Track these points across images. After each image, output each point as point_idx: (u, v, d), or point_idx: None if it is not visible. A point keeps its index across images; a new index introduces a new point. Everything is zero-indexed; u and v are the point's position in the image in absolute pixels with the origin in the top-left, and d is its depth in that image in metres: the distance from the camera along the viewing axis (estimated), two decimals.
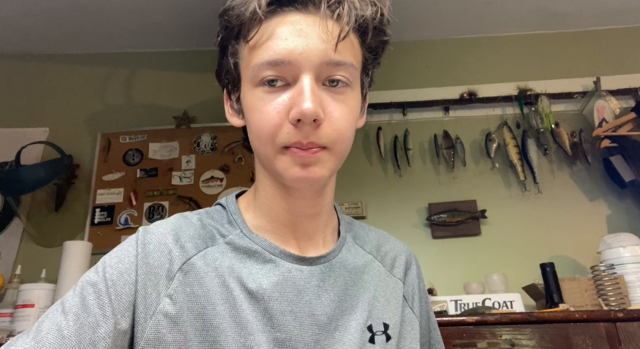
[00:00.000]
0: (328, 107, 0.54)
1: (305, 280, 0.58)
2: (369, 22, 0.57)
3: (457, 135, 2.21)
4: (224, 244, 0.60)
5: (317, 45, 0.53)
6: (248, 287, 0.56)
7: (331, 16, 0.54)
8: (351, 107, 0.57)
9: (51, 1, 2.09)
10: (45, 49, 2.44)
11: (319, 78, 0.54)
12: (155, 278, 0.54)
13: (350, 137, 0.57)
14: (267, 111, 0.54)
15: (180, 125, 2.33)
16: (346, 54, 0.55)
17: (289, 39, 0.53)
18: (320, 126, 0.53)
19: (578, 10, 2.29)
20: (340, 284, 0.61)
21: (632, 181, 2.02)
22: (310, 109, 0.51)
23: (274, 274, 0.58)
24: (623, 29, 2.40)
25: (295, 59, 0.53)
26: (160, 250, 0.56)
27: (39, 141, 2.21)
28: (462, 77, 2.34)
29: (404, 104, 2.27)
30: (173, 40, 2.39)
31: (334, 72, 0.54)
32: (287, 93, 0.54)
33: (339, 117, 0.55)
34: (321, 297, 0.58)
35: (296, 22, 0.54)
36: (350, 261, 0.64)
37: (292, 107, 0.53)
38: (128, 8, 2.16)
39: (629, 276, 1.66)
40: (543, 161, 2.19)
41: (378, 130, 2.23)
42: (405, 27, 2.34)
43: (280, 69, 0.53)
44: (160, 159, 2.27)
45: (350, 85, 0.56)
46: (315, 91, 0.53)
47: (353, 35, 0.57)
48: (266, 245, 0.60)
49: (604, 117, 2.10)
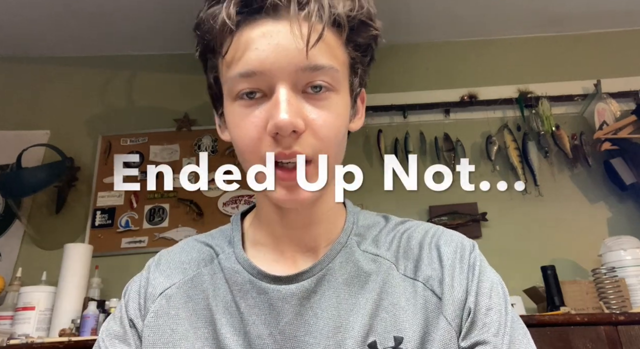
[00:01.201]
0: (310, 115, 0.51)
1: (284, 300, 0.54)
2: (344, 19, 0.52)
3: (458, 138, 2.21)
4: (217, 264, 0.59)
5: (289, 51, 0.50)
6: (229, 310, 0.55)
7: (301, 18, 0.50)
8: (337, 112, 0.53)
9: (52, 4, 2.09)
10: (46, 52, 2.45)
11: (296, 86, 0.51)
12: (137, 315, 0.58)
13: (338, 144, 0.54)
14: (245, 126, 0.51)
15: (181, 128, 2.33)
16: (324, 56, 0.51)
17: (260, 48, 0.50)
18: (301, 136, 0.50)
19: (578, 13, 2.29)
20: (330, 299, 0.55)
21: (632, 184, 2.02)
22: (286, 120, 0.48)
23: (251, 296, 0.55)
24: (623, 31, 2.40)
25: (268, 69, 0.50)
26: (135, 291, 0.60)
27: (40, 144, 2.21)
28: (463, 79, 2.34)
29: (404, 106, 2.27)
30: (174, 43, 2.40)
31: (312, 77, 0.51)
32: (264, 105, 0.51)
33: (322, 124, 0.51)
34: (304, 316, 0.54)
35: (267, 29, 0.50)
36: (346, 270, 0.57)
37: (268, 119, 0.50)
38: (128, 11, 2.17)
39: (630, 278, 1.66)
40: (544, 163, 2.18)
41: (379, 132, 2.23)
42: (405, 29, 2.35)
43: (254, 80, 0.50)
44: (161, 161, 2.27)
45: (334, 89, 0.52)
46: (291, 101, 0.49)
47: (331, 35, 0.52)
48: (247, 265, 0.57)
49: (605, 119, 2.10)
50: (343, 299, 0.55)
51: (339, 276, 0.56)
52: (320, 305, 0.54)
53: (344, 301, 0.55)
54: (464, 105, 2.28)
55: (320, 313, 0.54)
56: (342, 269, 0.57)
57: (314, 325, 0.53)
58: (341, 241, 0.59)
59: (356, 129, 0.61)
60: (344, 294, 0.55)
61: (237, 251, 0.59)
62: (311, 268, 0.56)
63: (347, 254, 0.58)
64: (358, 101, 0.61)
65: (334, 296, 0.55)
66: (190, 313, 0.56)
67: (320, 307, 0.54)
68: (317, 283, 0.55)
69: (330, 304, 0.54)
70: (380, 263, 0.58)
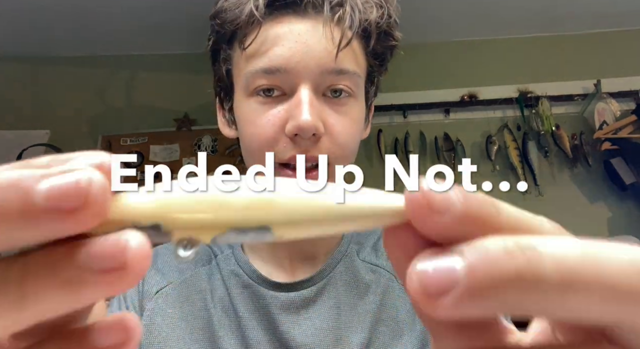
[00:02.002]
0: (329, 119, 0.49)
1: (281, 307, 0.53)
2: (373, 26, 0.52)
3: (458, 137, 2.21)
4: (215, 265, 0.58)
5: (317, 52, 0.48)
6: (227, 312, 0.53)
7: (332, 20, 0.49)
8: (354, 119, 0.52)
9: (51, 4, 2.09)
10: (46, 52, 2.45)
11: (318, 88, 0.49)
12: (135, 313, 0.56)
13: (353, 151, 0.53)
14: (260, 124, 0.49)
15: (181, 127, 2.33)
16: (349, 62, 0.50)
17: (286, 45, 0.48)
18: (320, 140, 0.48)
19: (578, 13, 2.29)
20: (328, 309, 0.53)
21: (632, 184, 2.02)
22: (309, 122, 0.46)
23: (250, 300, 0.54)
24: (623, 31, 2.40)
25: (292, 68, 0.48)
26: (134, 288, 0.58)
27: (40, 144, 2.21)
28: (463, 79, 2.34)
29: (404, 106, 2.27)
30: (174, 43, 2.40)
31: (335, 81, 0.50)
32: (284, 104, 0.49)
33: (340, 130, 0.50)
34: (302, 326, 0.52)
35: (294, 27, 0.49)
36: (347, 279, 0.56)
37: (288, 119, 0.48)
38: (129, 10, 2.17)
39: None
40: (544, 163, 2.18)
41: (379, 132, 2.23)
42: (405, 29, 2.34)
43: (276, 78, 0.49)
44: (161, 161, 2.27)
45: (354, 95, 0.52)
46: (314, 102, 0.48)
47: (356, 41, 0.51)
48: (247, 269, 0.55)
49: (605, 119, 2.10)
50: (343, 310, 0.53)
51: (339, 285, 0.55)
52: (320, 315, 0.53)
53: (343, 312, 0.53)
54: (464, 105, 2.28)
55: (319, 323, 0.52)
56: (342, 279, 0.56)
57: (312, 336, 0.51)
58: (342, 249, 0.58)
59: (363, 138, 0.60)
60: (343, 306, 0.54)
61: (236, 253, 0.57)
62: (312, 277, 0.55)
63: (347, 263, 0.57)
64: (369, 110, 0.61)
65: (333, 306, 0.53)
66: (186, 313, 0.54)
67: (320, 317, 0.53)
68: (317, 292, 0.54)
69: (329, 315, 0.53)
70: (380, 273, 0.57)
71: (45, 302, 0.14)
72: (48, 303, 0.14)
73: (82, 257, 0.14)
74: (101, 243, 0.14)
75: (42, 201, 0.13)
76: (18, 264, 0.14)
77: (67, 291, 0.13)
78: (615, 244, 0.14)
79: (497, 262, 0.13)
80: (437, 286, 0.13)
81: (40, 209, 0.13)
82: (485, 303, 0.13)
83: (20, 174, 0.14)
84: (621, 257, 0.14)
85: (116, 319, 0.16)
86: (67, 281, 0.13)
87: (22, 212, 0.13)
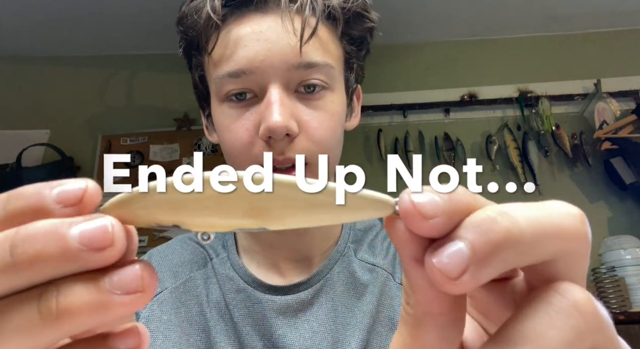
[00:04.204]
0: (303, 116, 0.47)
1: (278, 311, 0.51)
2: (339, 11, 0.49)
3: (458, 137, 2.21)
4: (211, 268, 0.56)
5: (280, 48, 0.46)
6: (224, 317, 0.52)
7: (292, 12, 0.46)
8: (332, 112, 0.50)
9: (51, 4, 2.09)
10: (46, 51, 2.45)
11: (289, 85, 0.47)
12: None
13: (335, 145, 0.51)
14: (235, 129, 0.48)
15: (181, 127, 2.33)
16: (317, 52, 0.48)
17: (249, 45, 0.46)
18: (295, 139, 0.47)
19: (578, 13, 2.29)
20: (326, 312, 0.52)
21: (632, 183, 2.02)
22: (279, 123, 0.45)
23: (245, 305, 0.52)
24: (623, 31, 2.40)
25: (257, 67, 0.46)
26: None
27: (40, 143, 2.21)
28: (463, 79, 2.34)
29: (404, 106, 2.27)
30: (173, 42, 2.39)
31: (306, 76, 0.47)
32: (255, 107, 0.48)
33: (317, 126, 0.48)
34: (299, 329, 0.51)
35: (255, 25, 0.47)
36: (344, 280, 0.54)
37: (260, 122, 0.46)
38: (128, 10, 2.17)
39: (630, 278, 1.66)
40: (544, 163, 2.18)
41: (379, 132, 2.23)
42: (405, 29, 2.34)
43: (244, 80, 0.47)
44: (161, 161, 2.27)
45: (329, 87, 0.49)
46: (284, 101, 0.46)
47: (325, 29, 0.49)
48: (242, 273, 0.54)
49: (605, 119, 2.10)
50: (340, 312, 0.52)
51: (336, 287, 0.54)
52: (317, 318, 0.52)
53: (340, 314, 0.52)
54: (464, 104, 2.28)
55: (317, 326, 0.51)
56: (340, 280, 0.54)
57: (309, 339, 0.50)
58: (339, 249, 0.57)
59: (352, 128, 0.58)
60: (340, 307, 0.53)
61: (231, 256, 0.56)
62: (309, 279, 0.53)
63: (344, 263, 0.56)
64: (354, 99, 0.58)
65: (331, 309, 0.52)
66: (182, 319, 0.53)
67: (317, 320, 0.52)
68: (314, 294, 0.53)
69: (327, 318, 0.52)
70: (377, 273, 0.55)
71: (77, 321, 0.17)
72: (79, 321, 0.17)
73: (108, 284, 0.17)
74: (123, 272, 0.17)
75: (77, 244, 0.16)
76: (52, 290, 0.17)
77: (96, 312, 0.17)
78: (550, 201, 0.18)
79: (487, 230, 0.16)
80: (455, 269, 0.16)
81: (76, 250, 0.16)
82: (492, 266, 0.16)
83: (52, 223, 0.17)
84: (560, 210, 0.18)
85: (132, 326, 0.19)
86: (98, 304, 0.17)
87: (61, 254, 0.16)
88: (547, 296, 0.17)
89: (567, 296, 0.17)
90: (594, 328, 0.17)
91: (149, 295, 0.17)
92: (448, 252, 0.16)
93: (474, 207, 0.17)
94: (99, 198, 0.18)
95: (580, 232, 0.18)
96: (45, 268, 0.17)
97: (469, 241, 0.16)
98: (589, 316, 0.17)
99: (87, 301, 0.17)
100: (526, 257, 0.17)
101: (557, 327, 0.16)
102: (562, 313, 0.17)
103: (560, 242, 0.18)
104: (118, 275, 0.17)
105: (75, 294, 0.17)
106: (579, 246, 0.19)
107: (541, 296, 0.17)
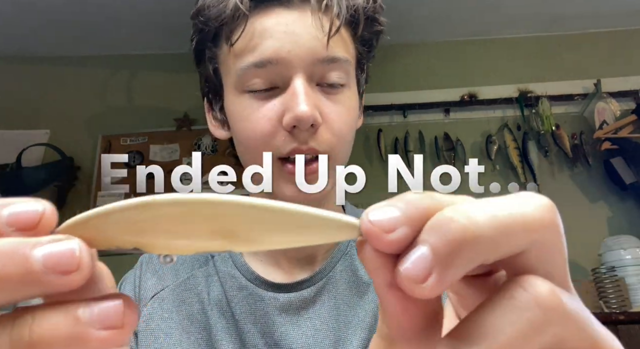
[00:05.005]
0: (324, 109, 0.48)
1: (280, 309, 0.52)
2: (361, 12, 0.51)
3: (458, 137, 2.21)
4: (212, 266, 0.56)
5: (307, 41, 0.47)
6: (225, 315, 0.52)
7: (319, 9, 0.48)
8: (349, 107, 0.51)
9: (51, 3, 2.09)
10: (46, 52, 2.45)
11: (311, 78, 0.48)
12: None
13: (350, 141, 0.52)
14: (255, 119, 0.48)
15: (181, 127, 2.33)
16: (339, 49, 0.49)
17: (275, 36, 0.47)
18: (318, 130, 0.48)
19: (578, 13, 2.29)
20: (328, 310, 0.52)
21: (632, 183, 2.02)
22: (307, 112, 0.45)
23: (247, 302, 0.52)
24: (623, 31, 2.40)
25: (283, 58, 0.47)
26: (130, 290, 0.57)
27: (40, 143, 2.21)
28: (463, 79, 2.34)
29: (404, 106, 2.27)
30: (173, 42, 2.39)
31: (327, 70, 0.49)
32: (278, 97, 0.48)
33: (336, 119, 0.49)
34: (301, 327, 0.51)
35: (281, 18, 0.48)
36: (347, 279, 0.55)
37: (284, 112, 0.47)
38: (129, 10, 2.17)
39: (630, 278, 1.66)
40: (544, 163, 2.19)
41: (379, 132, 2.23)
42: (405, 29, 2.34)
43: (268, 70, 0.48)
44: (161, 161, 2.27)
45: (347, 84, 0.51)
46: (309, 92, 0.47)
47: (344, 28, 0.50)
48: (244, 270, 0.54)
49: (605, 119, 2.10)
50: (342, 311, 0.53)
51: (339, 285, 0.54)
52: (319, 316, 0.52)
53: (343, 313, 0.52)
54: (464, 104, 2.28)
55: (319, 324, 0.51)
56: (342, 278, 0.55)
57: (311, 337, 0.51)
58: (342, 248, 0.57)
59: (357, 128, 0.59)
60: (343, 306, 0.53)
61: (233, 254, 0.56)
62: (312, 277, 0.54)
63: (347, 262, 0.56)
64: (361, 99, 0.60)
65: (333, 307, 0.53)
66: (183, 317, 0.53)
67: (319, 318, 0.52)
68: (317, 292, 0.53)
69: (329, 316, 0.52)
70: None
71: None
72: None
73: (87, 316, 0.16)
74: (104, 305, 0.17)
75: (41, 266, 0.16)
76: (27, 318, 0.16)
77: (71, 345, 0.16)
78: (517, 193, 0.18)
79: (445, 231, 0.16)
80: (421, 273, 0.16)
81: (39, 273, 0.16)
82: (457, 266, 0.16)
83: (13, 242, 0.16)
84: (526, 201, 0.18)
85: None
86: (73, 336, 0.16)
87: (23, 276, 0.16)
88: (509, 290, 0.17)
89: (529, 289, 0.17)
90: (555, 320, 0.17)
91: (127, 332, 0.17)
92: (412, 258, 0.17)
93: (435, 209, 0.17)
94: (55, 222, 0.18)
95: (548, 222, 0.18)
96: (4, 289, 0.16)
97: (430, 244, 0.16)
98: (549, 310, 0.17)
99: (62, 333, 0.16)
100: (492, 253, 0.17)
101: (514, 322, 0.16)
102: (521, 307, 0.17)
103: (527, 233, 0.17)
104: (98, 308, 0.16)
105: (51, 323, 0.16)
106: (549, 236, 0.18)
107: (504, 290, 0.17)
